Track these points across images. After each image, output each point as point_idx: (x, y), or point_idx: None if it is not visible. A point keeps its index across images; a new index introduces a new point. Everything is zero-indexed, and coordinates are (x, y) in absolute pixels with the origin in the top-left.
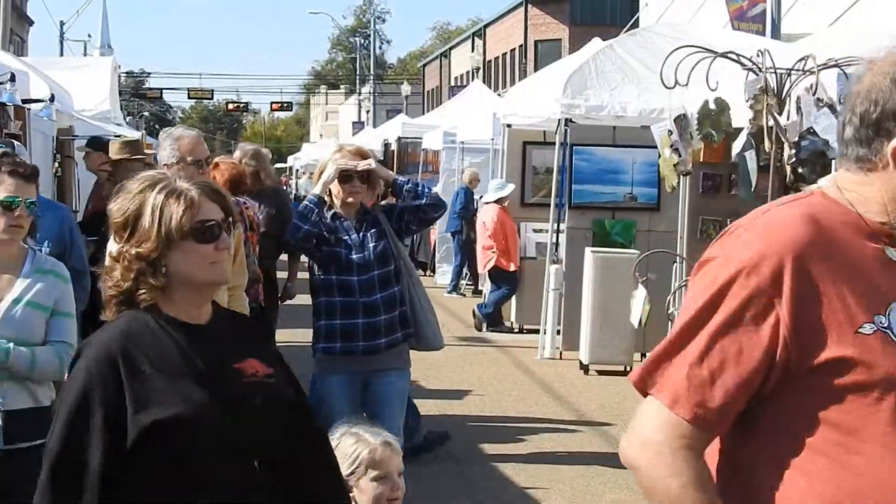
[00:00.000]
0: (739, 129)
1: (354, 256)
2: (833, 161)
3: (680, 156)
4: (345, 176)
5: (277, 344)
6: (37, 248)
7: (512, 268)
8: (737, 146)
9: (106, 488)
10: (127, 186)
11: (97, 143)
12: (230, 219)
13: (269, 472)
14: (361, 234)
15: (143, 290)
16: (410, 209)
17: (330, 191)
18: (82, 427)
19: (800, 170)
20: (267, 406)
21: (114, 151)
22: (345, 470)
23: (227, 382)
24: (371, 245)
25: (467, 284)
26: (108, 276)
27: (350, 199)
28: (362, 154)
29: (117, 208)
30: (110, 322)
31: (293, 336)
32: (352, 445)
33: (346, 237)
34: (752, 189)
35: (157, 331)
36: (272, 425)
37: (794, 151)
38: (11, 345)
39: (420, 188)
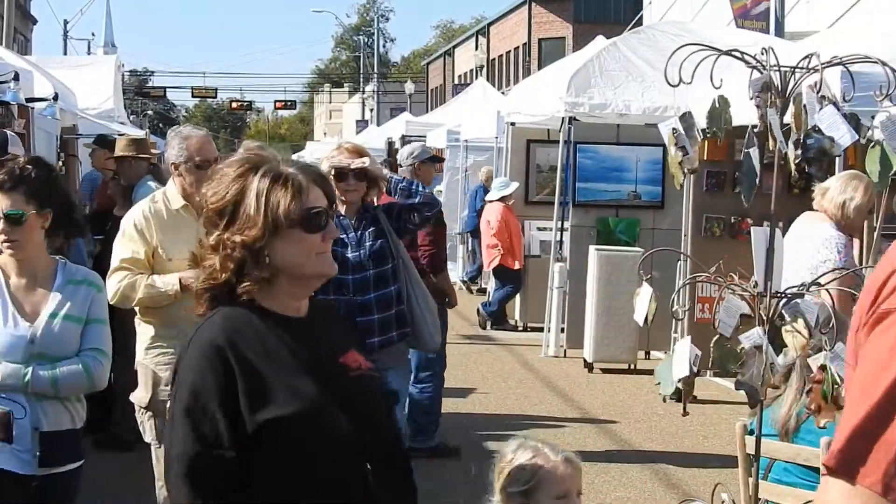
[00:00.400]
0: (741, 127)
1: (350, 255)
2: (837, 159)
3: (686, 154)
4: (340, 174)
5: None
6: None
7: (516, 266)
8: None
9: (232, 486)
10: (222, 170)
11: (104, 141)
12: (334, 206)
13: (378, 470)
14: (359, 232)
15: (246, 283)
16: (405, 208)
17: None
18: (204, 425)
19: (805, 168)
20: (376, 401)
21: (119, 148)
22: (518, 486)
23: (337, 378)
24: (368, 244)
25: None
26: (201, 268)
27: (346, 197)
28: (359, 152)
29: (212, 193)
30: (207, 318)
31: None
32: (529, 460)
33: (343, 235)
34: (755, 188)
35: (260, 325)
36: (381, 421)
37: (799, 151)
38: (30, 371)
39: (413, 187)
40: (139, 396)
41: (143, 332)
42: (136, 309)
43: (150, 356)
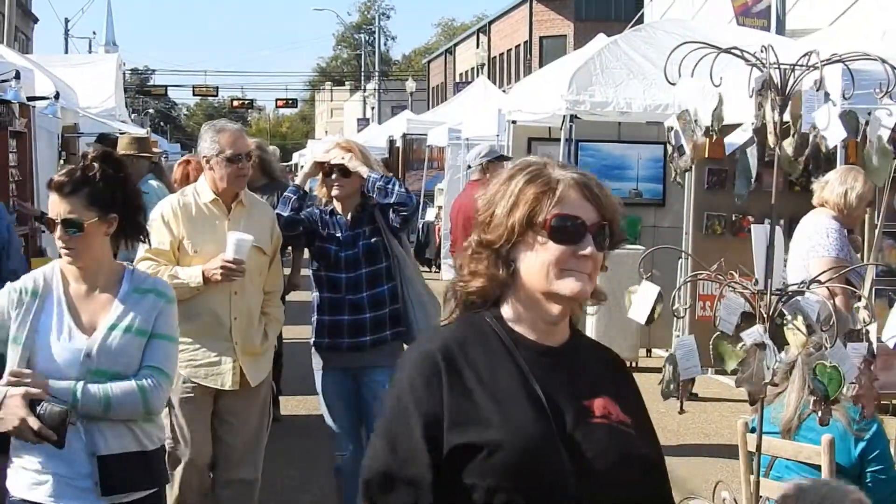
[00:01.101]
0: (735, 125)
1: (343, 253)
2: (838, 156)
3: (683, 152)
4: (327, 170)
5: (283, 340)
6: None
7: None
8: (731, 140)
9: None
10: (501, 173)
11: (106, 140)
12: (606, 225)
13: None
14: (354, 230)
15: (486, 288)
16: (384, 207)
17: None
18: (401, 441)
19: (810, 165)
20: (624, 462)
21: (121, 147)
22: None
23: (569, 418)
24: (361, 242)
25: None
26: (457, 270)
27: (335, 194)
28: (349, 149)
29: (482, 195)
30: (445, 324)
31: (297, 332)
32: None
33: (339, 234)
34: (752, 186)
35: (496, 343)
36: (618, 483)
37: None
38: (80, 387)
39: (390, 186)
40: None
41: None
42: None
43: None
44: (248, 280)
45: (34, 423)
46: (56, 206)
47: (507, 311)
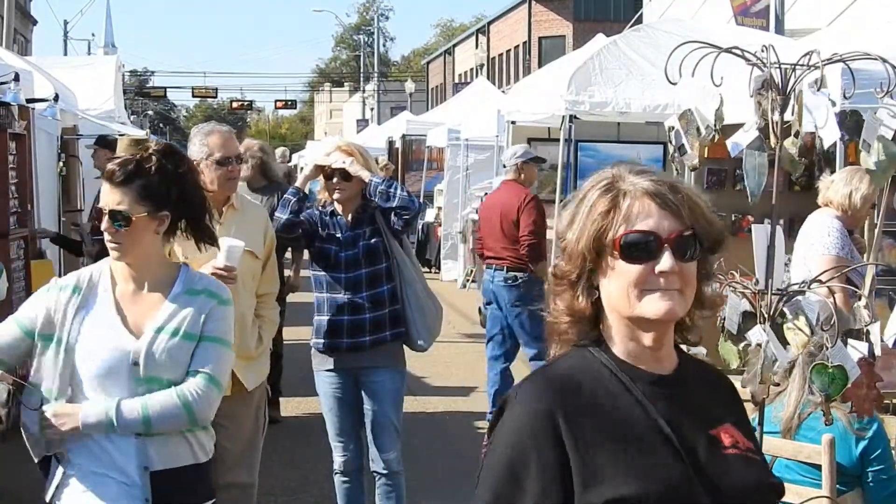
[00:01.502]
0: (735, 125)
1: (343, 254)
2: (837, 156)
3: (684, 152)
4: (328, 173)
5: (284, 342)
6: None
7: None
8: (735, 141)
9: None
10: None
11: (105, 141)
12: (691, 233)
13: None
14: (354, 231)
15: (575, 323)
16: (387, 210)
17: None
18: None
19: (815, 164)
20: (753, 490)
21: (121, 149)
22: None
23: (701, 454)
24: (362, 243)
25: (472, 281)
26: (548, 301)
27: (336, 196)
28: (350, 152)
29: (562, 217)
30: (552, 362)
31: (298, 334)
32: None
33: (339, 234)
34: (763, 184)
35: (610, 381)
36: None
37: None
38: (113, 408)
39: (392, 190)
40: None
41: None
42: None
43: None
44: (241, 285)
45: None
46: (106, 196)
47: (610, 341)
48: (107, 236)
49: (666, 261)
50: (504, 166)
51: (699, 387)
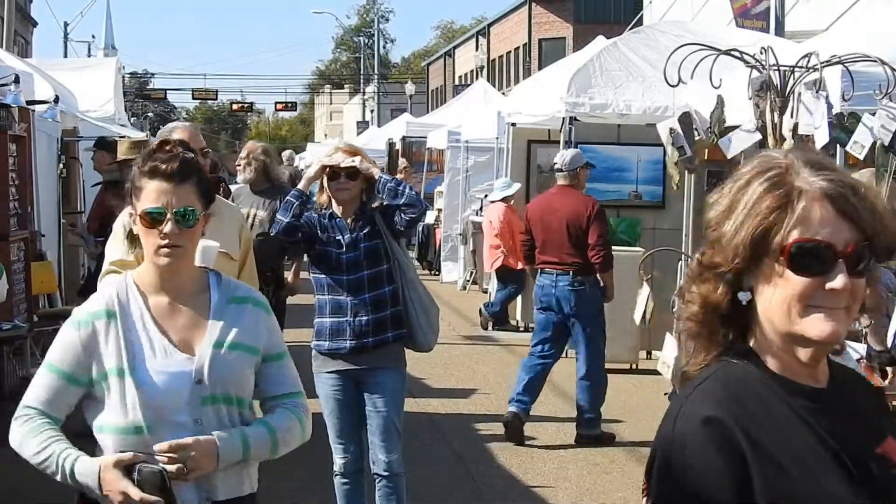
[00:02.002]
0: (734, 127)
1: (344, 256)
2: (837, 157)
3: (684, 153)
4: (332, 173)
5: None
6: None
7: (519, 266)
8: (732, 143)
9: None
10: (735, 173)
11: (104, 143)
12: (866, 246)
13: None
14: (355, 233)
15: (700, 316)
16: (393, 209)
17: (329, 191)
18: None
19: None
20: None
21: (122, 151)
22: None
23: (875, 473)
24: (363, 245)
25: (472, 283)
26: (681, 301)
27: (340, 197)
28: (354, 153)
29: (715, 202)
30: (704, 375)
31: (297, 336)
32: None
33: (339, 236)
34: None
35: (769, 396)
36: None
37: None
38: (238, 434)
39: (401, 188)
40: None
41: None
42: None
43: None
44: None
45: (135, 493)
46: (161, 196)
47: (763, 351)
48: (163, 241)
49: (840, 279)
50: (559, 171)
51: (855, 398)
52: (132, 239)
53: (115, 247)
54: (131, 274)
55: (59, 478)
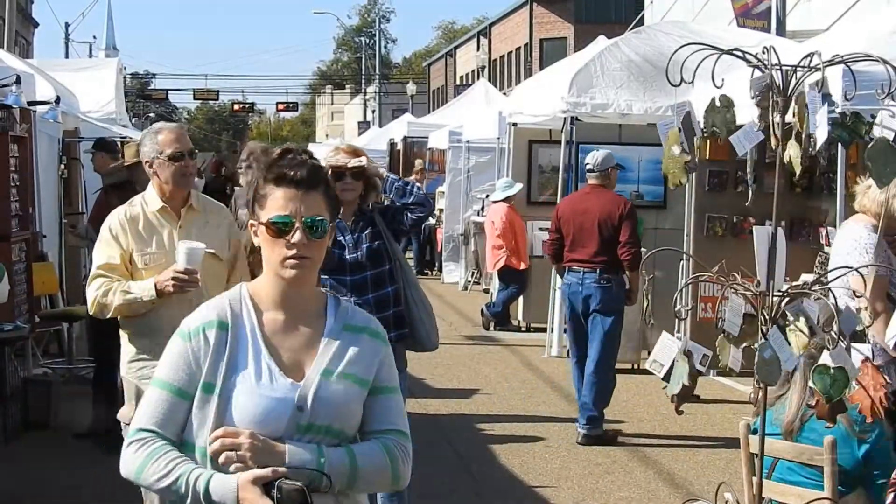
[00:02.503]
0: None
1: (348, 256)
2: (839, 158)
3: (687, 153)
4: (337, 174)
5: None
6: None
7: (522, 266)
8: (739, 142)
9: None
10: None
11: (104, 144)
12: None
13: None
14: (356, 234)
15: None
16: (399, 208)
17: None
18: None
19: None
20: None
21: (130, 155)
22: None
23: None
24: (365, 245)
25: (474, 283)
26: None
27: (345, 197)
28: (356, 153)
29: None
30: None
31: None
32: None
33: (341, 237)
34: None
35: None
36: None
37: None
38: (324, 449)
39: (409, 187)
40: (124, 413)
41: (124, 343)
42: (119, 319)
43: (133, 370)
44: (205, 289)
45: None
46: (289, 204)
47: None
48: (290, 252)
49: None
50: (591, 171)
51: None
52: (118, 241)
53: (102, 250)
54: (247, 286)
55: (189, 501)
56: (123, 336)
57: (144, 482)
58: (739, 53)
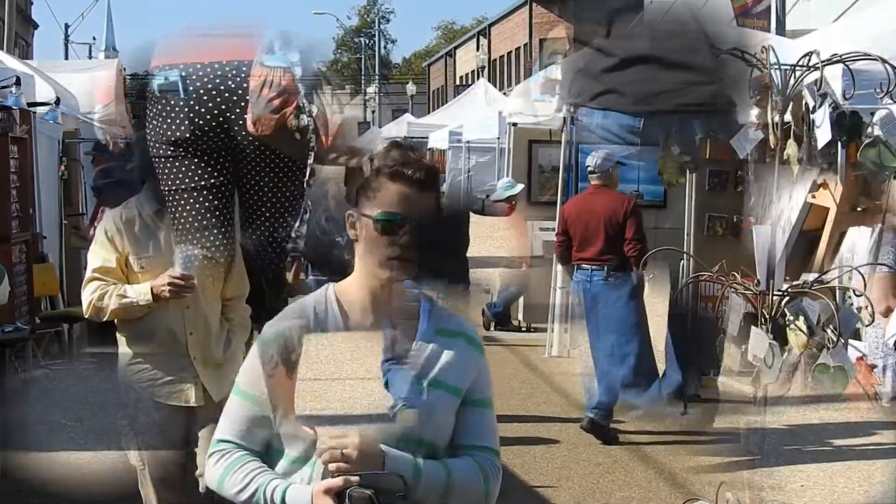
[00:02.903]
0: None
1: (347, 257)
2: (839, 156)
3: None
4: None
5: None
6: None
7: (523, 267)
8: (741, 143)
9: None
10: None
11: (102, 147)
12: None
13: None
14: None
15: None
16: None
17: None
18: None
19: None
20: None
21: None
22: None
23: None
24: None
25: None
26: None
27: None
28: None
29: None
30: None
31: None
32: None
33: (340, 238)
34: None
35: None
36: None
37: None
38: (420, 459)
39: None
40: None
41: (121, 347)
42: (115, 323)
43: (130, 373)
44: (200, 291)
45: None
46: (402, 201)
47: None
48: (395, 252)
49: None
50: (592, 173)
51: None
52: (114, 244)
53: (98, 253)
54: (334, 287)
55: None
56: (120, 339)
57: (226, 494)
58: (738, 53)
